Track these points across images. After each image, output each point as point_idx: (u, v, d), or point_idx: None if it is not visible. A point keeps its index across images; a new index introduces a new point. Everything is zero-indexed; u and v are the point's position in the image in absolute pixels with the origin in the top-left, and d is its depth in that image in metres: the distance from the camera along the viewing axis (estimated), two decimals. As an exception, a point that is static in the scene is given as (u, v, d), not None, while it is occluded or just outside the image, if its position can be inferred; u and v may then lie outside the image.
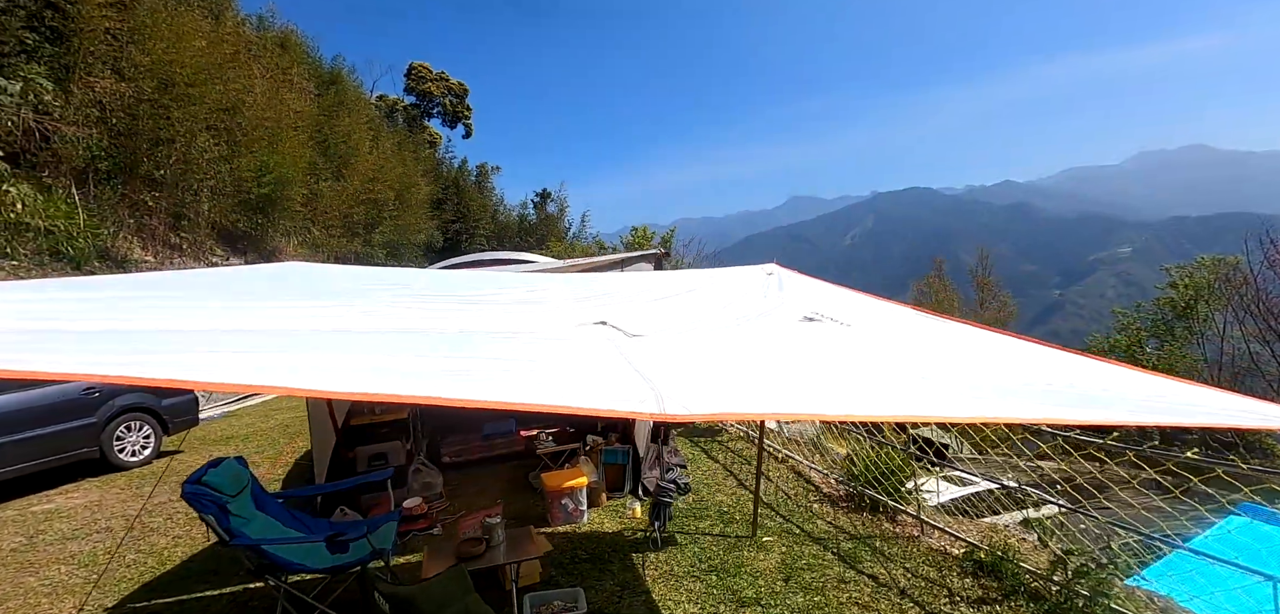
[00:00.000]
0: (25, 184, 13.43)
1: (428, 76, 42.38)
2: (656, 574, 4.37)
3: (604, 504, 5.64)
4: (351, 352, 1.81)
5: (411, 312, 2.34)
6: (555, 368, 1.72)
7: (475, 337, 1.95)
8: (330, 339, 1.91)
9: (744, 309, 3.39)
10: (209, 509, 3.34)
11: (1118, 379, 2.27)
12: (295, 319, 2.08)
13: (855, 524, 5.26)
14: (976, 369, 2.34)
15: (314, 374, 1.50)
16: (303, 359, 1.67)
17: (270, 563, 3.43)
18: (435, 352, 1.85)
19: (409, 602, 3.03)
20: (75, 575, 4.81)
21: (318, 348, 1.82)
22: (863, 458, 5.79)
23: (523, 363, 1.77)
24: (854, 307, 3.50)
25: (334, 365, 1.63)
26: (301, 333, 1.97)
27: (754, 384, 1.81)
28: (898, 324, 3.19)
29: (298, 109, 23.67)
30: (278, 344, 1.89)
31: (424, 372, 1.64)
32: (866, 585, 4.21)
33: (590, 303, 3.17)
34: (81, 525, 5.95)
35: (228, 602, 4.22)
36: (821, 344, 2.56)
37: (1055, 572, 3.99)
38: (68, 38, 14.96)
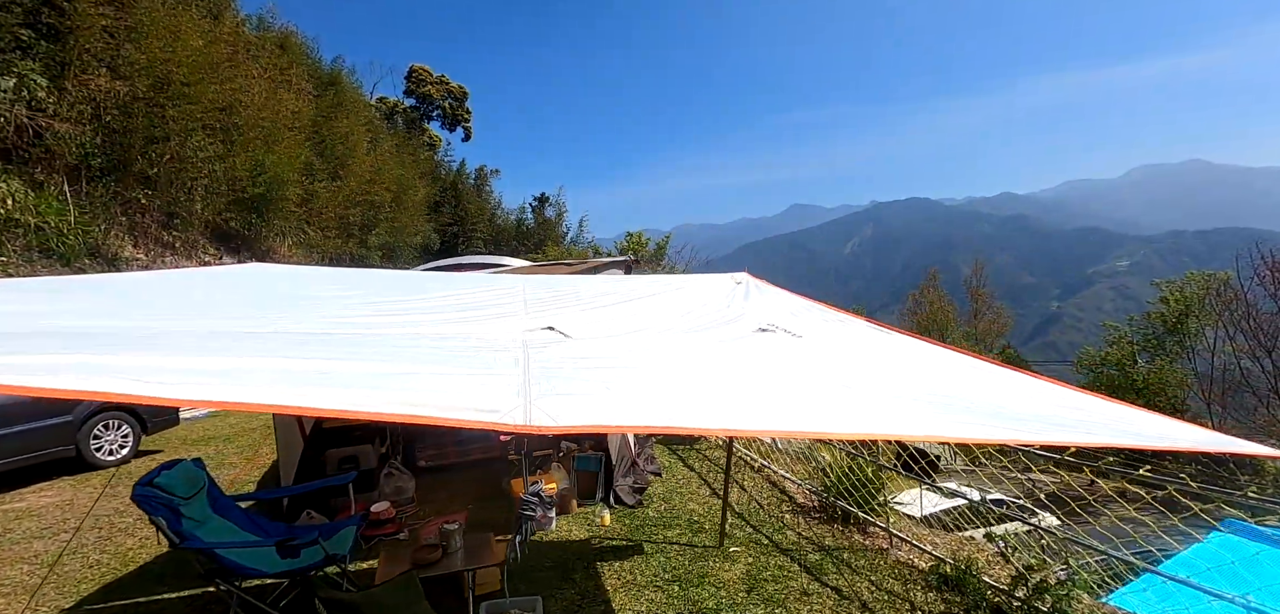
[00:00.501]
0: (15, 180, 13.43)
1: (428, 79, 42.46)
2: (618, 583, 4.34)
3: (574, 511, 5.61)
4: (228, 353, 1.76)
5: (337, 316, 2.31)
6: (435, 375, 1.70)
7: (376, 341, 1.92)
8: (223, 342, 1.87)
9: (702, 318, 3.37)
10: (159, 512, 3.31)
11: (1057, 400, 2.26)
12: (194, 323, 2.02)
13: (826, 536, 5.23)
14: (917, 384, 2.32)
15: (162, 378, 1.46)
16: (172, 362, 1.63)
17: (221, 566, 3.40)
18: (310, 356, 1.79)
19: (355, 608, 3.01)
20: (35, 575, 4.78)
21: (204, 352, 1.78)
22: (836, 469, 5.77)
23: (403, 369, 1.74)
24: (813, 319, 3.49)
25: (190, 367, 1.58)
26: (173, 335, 1.92)
27: (659, 395, 1.79)
28: (850, 338, 3.18)
29: (295, 109, 23.67)
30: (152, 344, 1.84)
31: (289, 373, 1.59)
32: (829, 598, 4.18)
33: (548, 309, 3.15)
34: (49, 525, 5.91)
35: (183, 604, 4.19)
36: (760, 355, 2.54)
37: (1017, 587, 3.97)
38: (64, 35, 14.98)
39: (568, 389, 1.70)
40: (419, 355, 1.80)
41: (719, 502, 5.88)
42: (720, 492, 6.12)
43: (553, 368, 1.85)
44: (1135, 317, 21.29)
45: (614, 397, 1.65)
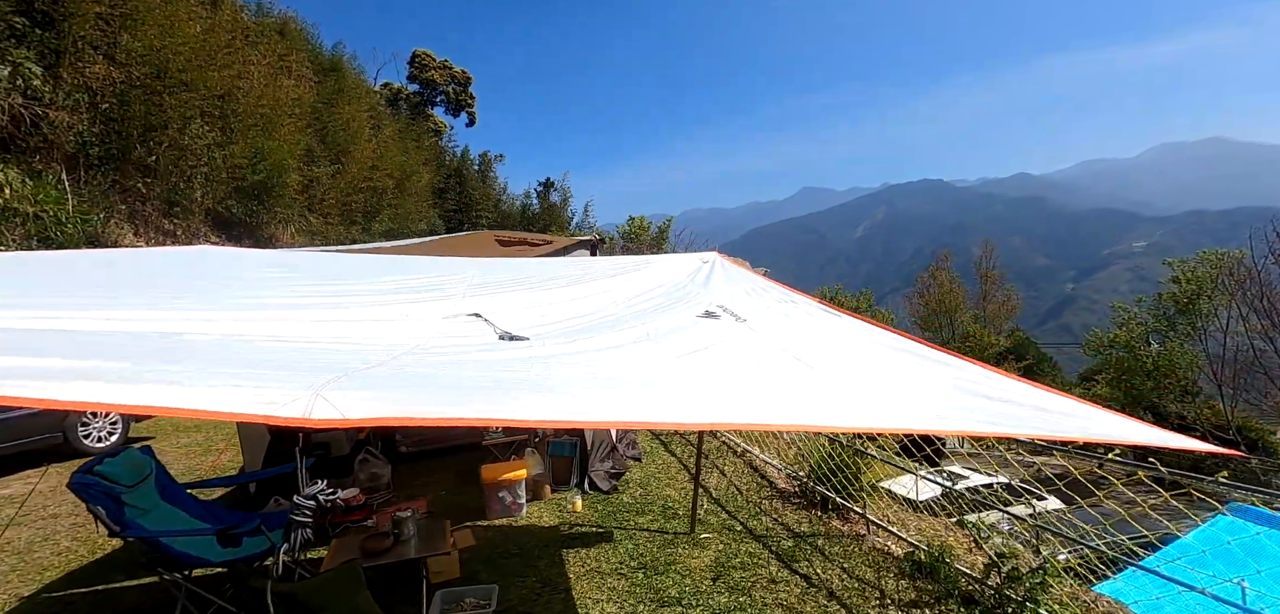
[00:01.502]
0: (13, 170, 13.47)
1: (431, 64, 42.27)
2: (582, 571, 4.25)
3: (548, 497, 5.53)
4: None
5: (232, 302, 2.19)
6: (237, 364, 1.58)
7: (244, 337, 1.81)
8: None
9: (650, 301, 3.24)
10: (99, 500, 3.25)
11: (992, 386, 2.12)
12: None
13: (804, 522, 5.11)
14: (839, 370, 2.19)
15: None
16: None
17: (164, 556, 3.33)
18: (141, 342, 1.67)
19: (292, 598, 2.93)
20: (4, 562, 4.77)
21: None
22: (817, 454, 5.64)
23: (211, 359, 1.62)
24: (767, 302, 3.35)
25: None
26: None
27: (503, 384, 1.66)
28: (796, 322, 3.03)
29: (295, 96, 23.61)
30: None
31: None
32: (797, 586, 4.07)
33: (487, 293, 3.03)
34: (31, 514, 5.90)
35: (139, 591, 4.15)
36: (677, 341, 2.40)
37: (990, 575, 3.83)
38: (58, 22, 14.96)
39: (383, 380, 1.57)
40: (230, 352, 1.67)
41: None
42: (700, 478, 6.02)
43: (388, 361, 1.72)
44: (1145, 297, 20.87)
45: (425, 390, 1.52)
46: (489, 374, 1.80)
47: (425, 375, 1.68)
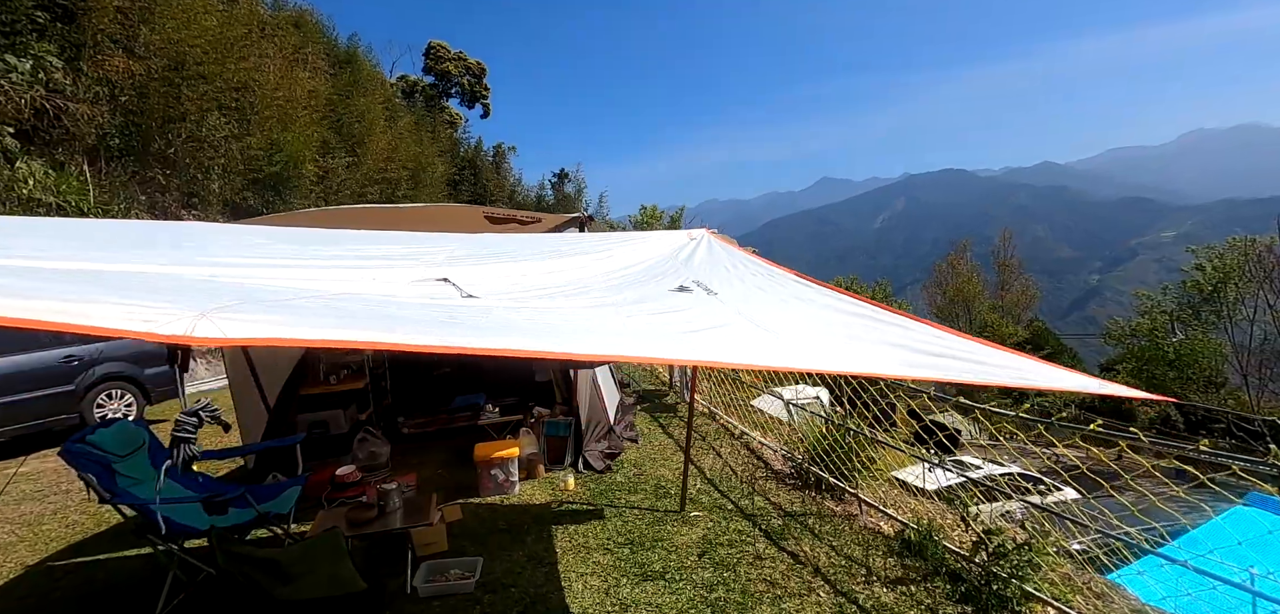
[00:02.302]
0: (37, 162, 13.80)
1: (446, 56, 42.50)
2: (569, 546, 4.27)
3: (542, 476, 5.55)
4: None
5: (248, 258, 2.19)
6: (140, 290, 1.57)
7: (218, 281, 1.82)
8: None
9: (626, 276, 3.23)
10: (89, 468, 3.33)
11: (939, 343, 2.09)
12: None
13: (795, 502, 5.08)
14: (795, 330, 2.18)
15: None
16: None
17: (153, 524, 3.41)
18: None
19: (272, 563, 2.98)
20: (14, 534, 4.92)
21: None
22: (813, 435, 5.59)
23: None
24: (743, 274, 3.33)
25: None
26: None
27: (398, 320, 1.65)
28: (774, 295, 2.99)
29: (311, 88, 23.90)
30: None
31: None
32: (783, 562, 4.05)
33: (462, 264, 3.04)
34: (43, 488, 6.08)
35: (139, 560, 4.26)
36: (637, 307, 2.38)
37: (977, 553, 3.77)
38: (77, 16, 15.28)
39: (290, 307, 1.57)
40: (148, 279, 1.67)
41: (691, 467, 5.77)
42: (693, 457, 6.01)
43: (312, 297, 1.72)
44: (1170, 285, 20.36)
45: (331, 318, 1.51)
46: (416, 312, 1.80)
47: (344, 309, 1.67)
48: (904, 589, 3.72)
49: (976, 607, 3.49)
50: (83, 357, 7.85)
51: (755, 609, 3.49)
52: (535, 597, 3.65)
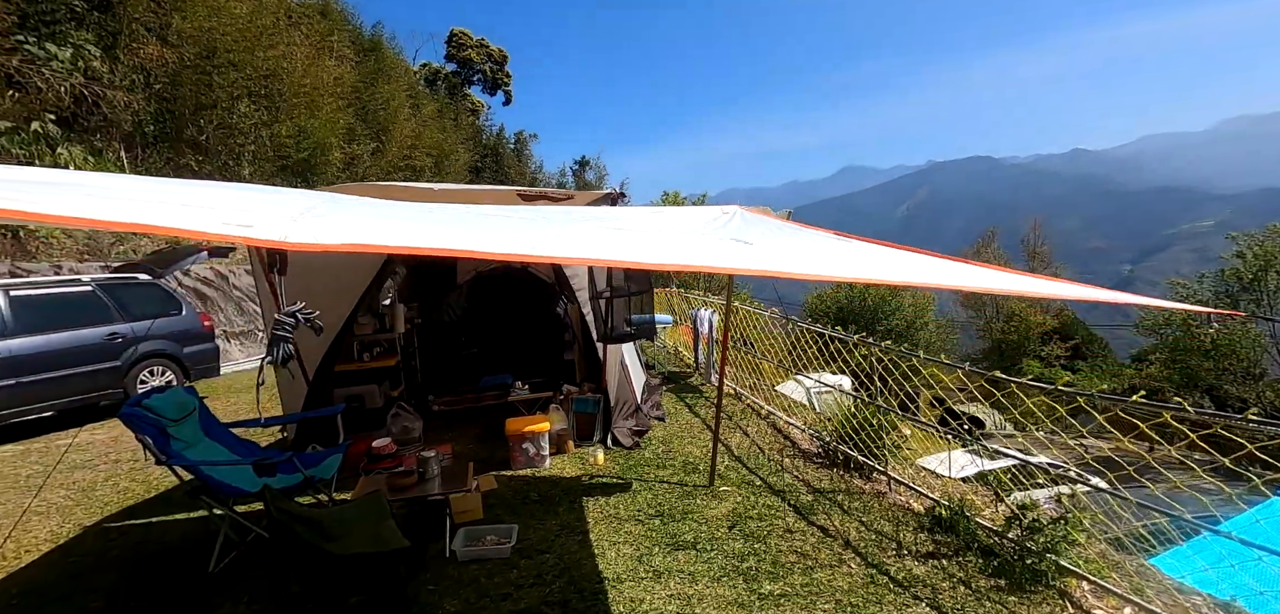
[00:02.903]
0: (77, 147, 14.23)
1: (468, 43, 42.68)
2: (601, 516, 4.34)
3: (571, 452, 5.64)
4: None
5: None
6: (231, 208, 1.64)
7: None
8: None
9: (676, 230, 3.28)
10: (146, 430, 3.48)
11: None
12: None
13: (824, 480, 5.10)
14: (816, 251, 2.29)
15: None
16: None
17: (206, 485, 3.56)
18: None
19: (317, 522, 3.09)
20: (70, 499, 5.14)
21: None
22: (841, 413, 5.59)
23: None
24: (777, 231, 3.36)
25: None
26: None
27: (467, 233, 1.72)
28: (801, 242, 3.02)
29: (337, 76, 24.22)
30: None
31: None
32: (813, 536, 4.08)
33: (525, 222, 3.12)
34: (94, 458, 6.33)
35: (191, 523, 4.43)
36: (668, 241, 2.45)
37: (1011, 528, 3.77)
38: (113, 5, 15.67)
39: (360, 216, 1.64)
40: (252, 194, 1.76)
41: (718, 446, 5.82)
42: (723, 437, 6.05)
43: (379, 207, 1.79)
44: (1206, 273, 19.80)
45: (403, 224, 1.58)
46: (498, 226, 1.89)
47: (429, 220, 1.74)
48: (936, 563, 3.72)
49: (1011, 580, 3.49)
50: (126, 334, 8.11)
51: (787, 578, 3.53)
52: (569, 563, 3.73)
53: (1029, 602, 3.31)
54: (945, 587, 3.46)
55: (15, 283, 7.53)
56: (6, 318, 7.10)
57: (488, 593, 3.41)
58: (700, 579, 3.53)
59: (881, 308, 24.95)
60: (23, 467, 6.16)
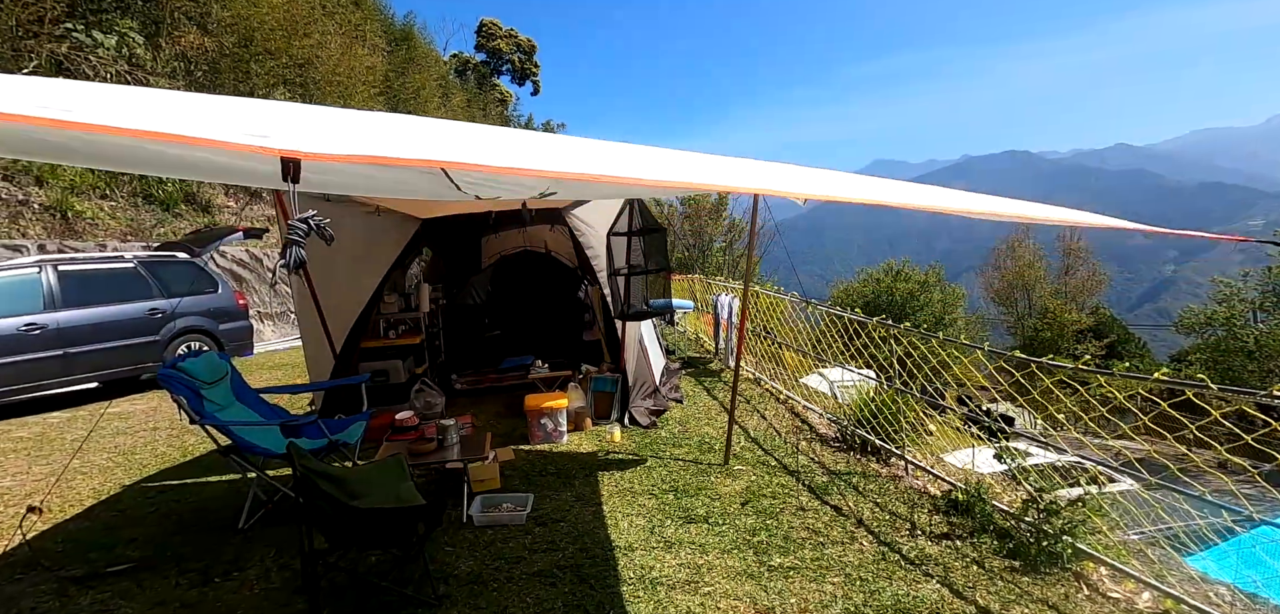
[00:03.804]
0: (122, 132, 14.79)
1: (498, 33, 43.01)
2: (614, 490, 4.41)
3: (588, 429, 5.71)
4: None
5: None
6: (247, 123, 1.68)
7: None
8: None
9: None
10: (181, 391, 3.64)
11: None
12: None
13: (840, 462, 5.09)
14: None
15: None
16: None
17: (237, 445, 3.71)
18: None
19: (340, 479, 3.20)
20: (112, 461, 5.39)
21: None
22: (860, 397, 5.56)
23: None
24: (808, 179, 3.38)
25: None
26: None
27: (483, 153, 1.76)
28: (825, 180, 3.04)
29: (369, 64, 24.66)
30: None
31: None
32: (826, 514, 4.08)
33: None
34: (135, 425, 6.62)
35: (223, 485, 4.62)
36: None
37: (1027, 511, 3.72)
38: (157, -6, 16.19)
39: (375, 133, 1.70)
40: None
41: (734, 427, 5.83)
42: (738, 418, 6.06)
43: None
44: (1251, 270, 19.04)
45: (416, 143, 1.62)
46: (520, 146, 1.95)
47: (444, 139, 1.78)
48: (949, 543, 3.70)
49: (1025, 561, 3.45)
50: (165, 310, 8.42)
51: (797, 552, 3.55)
52: (583, 531, 3.80)
53: (1043, 582, 3.28)
54: (957, 566, 3.44)
55: (63, 258, 7.88)
56: (56, 292, 7.43)
57: (502, 556, 3.49)
58: (710, 550, 3.57)
59: (909, 304, 24.59)
60: (69, 432, 6.46)
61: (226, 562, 3.48)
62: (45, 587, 3.27)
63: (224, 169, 2.30)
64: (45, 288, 7.35)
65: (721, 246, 27.09)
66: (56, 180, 12.15)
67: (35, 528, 3.90)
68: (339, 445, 3.92)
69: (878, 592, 3.15)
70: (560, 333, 8.33)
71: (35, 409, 7.32)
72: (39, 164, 11.97)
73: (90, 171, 13.21)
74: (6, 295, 7.06)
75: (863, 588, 3.19)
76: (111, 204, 13.58)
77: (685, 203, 27.30)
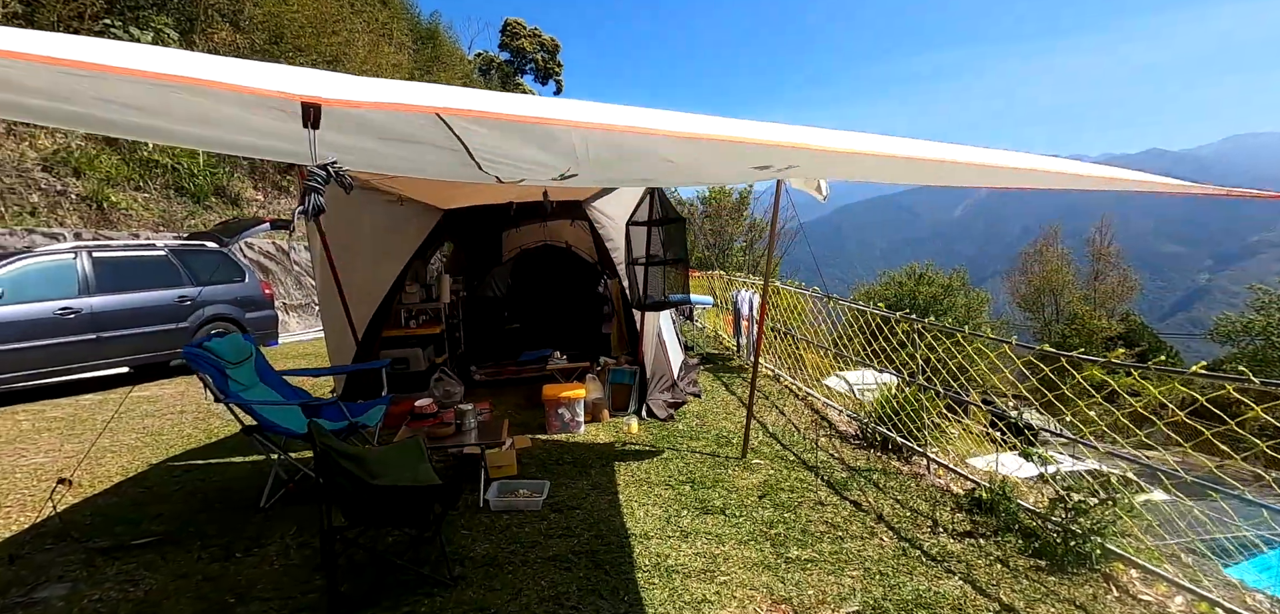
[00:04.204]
0: (155, 126, 15.17)
1: (521, 32, 43.29)
2: (630, 480, 4.39)
3: (606, 421, 5.70)
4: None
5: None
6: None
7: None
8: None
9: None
10: (206, 369, 3.70)
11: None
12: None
13: (860, 460, 5.01)
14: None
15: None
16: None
17: (260, 424, 3.77)
18: None
19: (358, 458, 3.23)
20: (140, 441, 5.51)
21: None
22: (882, 394, 5.48)
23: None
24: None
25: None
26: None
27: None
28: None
29: (396, 63, 24.97)
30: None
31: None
32: (846, 509, 4.02)
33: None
34: (163, 408, 6.77)
35: (247, 466, 4.70)
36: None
37: (1055, 510, 3.62)
38: (191, -10, 16.58)
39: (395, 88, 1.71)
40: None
41: (753, 422, 5.78)
42: (757, 413, 6.00)
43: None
44: (1291, 279, 18.40)
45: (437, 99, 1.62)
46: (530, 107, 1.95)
47: (461, 96, 1.79)
48: (972, 541, 3.62)
49: (1052, 561, 3.36)
50: (194, 298, 8.60)
51: (815, 545, 3.50)
52: (598, 518, 3.78)
53: (1070, 582, 3.19)
54: (980, 563, 3.36)
55: (97, 245, 8.08)
56: (90, 278, 7.63)
57: (517, 540, 3.50)
58: (727, 541, 3.53)
59: (932, 307, 24.22)
60: (99, 413, 6.63)
61: (248, 538, 3.53)
62: (73, 556, 3.34)
63: (242, 127, 2.29)
64: (80, 274, 7.55)
65: (742, 246, 26.94)
66: (93, 171, 12.49)
67: (65, 500, 4.00)
68: (359, 428, 3.96)
69: (898, 586, 3.09)
70: (579, 326, 8.34)
71: (67, 391, 7.52)
72: (77, 155, 12.32)
73: (124, 164, 13.57)
74: (43, 280, 7.27)
75: (882, 582, 3.13)
76: (145, 195, 13.93)
77: (706, 201, 27.21)
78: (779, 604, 2.93)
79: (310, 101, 1.43)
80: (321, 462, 2.82)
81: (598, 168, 3.28)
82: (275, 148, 2.91)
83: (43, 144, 12.19)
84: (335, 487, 2.81)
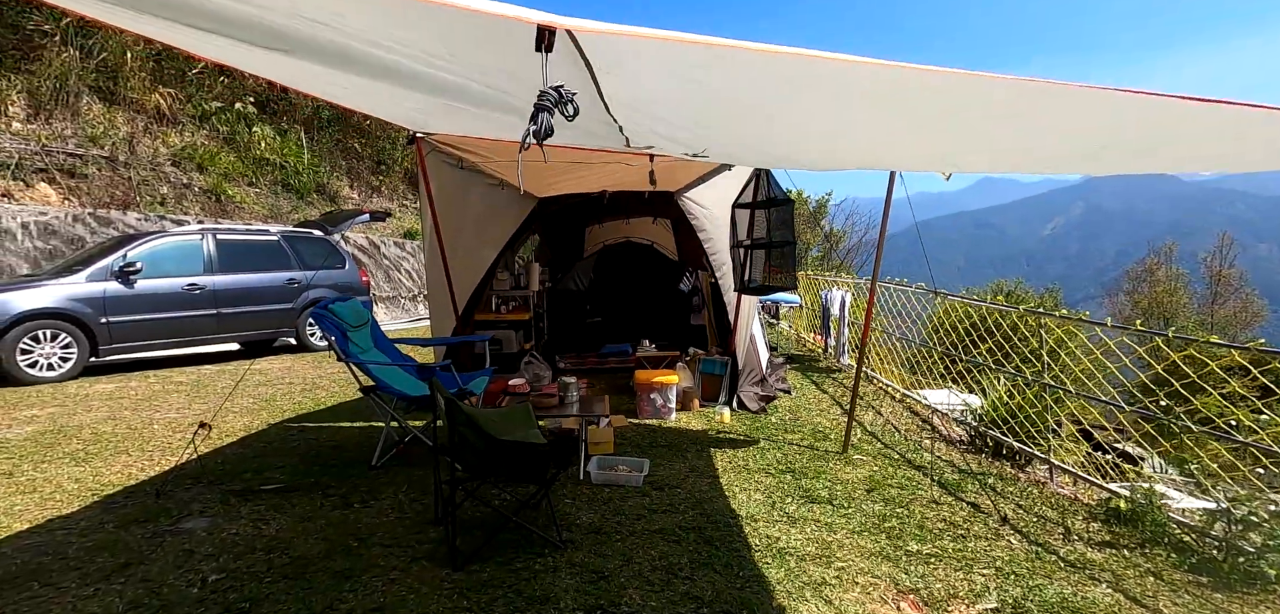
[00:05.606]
0: (268, 128, 16.33)
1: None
2: (728, 466, 4.28)
3: (696, 410, 5.61)
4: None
5: None
6: None
7: None
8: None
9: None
10: (330, 330, 3.88)
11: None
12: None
13: (971, 464, 4.70)
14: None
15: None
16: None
17: (377, 384, 3.91)
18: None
19: (473, 417, 3.28)
20: (257, 404, 5.87)
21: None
22: (994, 399, 5.14)
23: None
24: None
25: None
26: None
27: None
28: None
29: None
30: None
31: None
32: (963, 509, 3.76)
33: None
34: (273, 379, 7.20)
35: (356, 432, 4.91)
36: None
37: (1215, 523, 3.25)
38: (302, 5, 17.84)
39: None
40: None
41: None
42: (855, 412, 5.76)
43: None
44: None
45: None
46: None
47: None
48: (1114, 552, 3.29)
49: (1217, 579, 3.00)
50: (302, 281, 9.15)
51: (936, 542, 3.28)
52: (701, 499, 3.70)
53: (1240, 601, 2.83)
54: (1129, 574, 3.05)
55: (220, 228, 8.74)
56: (213, 258, 8.25)
57: (621, 513, 3.46)
58: (838, 530, 3.36)
59: (1019, 329, 22.76)
60: (219, 381, 7.12)
61: (363, 491, 3.66)
62: (210, 495, 3.56)
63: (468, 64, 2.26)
64: (205, 253, 8.17)
65: (818, 255, 26.29)
66: (214, 167, 13.57)
67: (202, 447, 4.29)
68: (467, 394, 4.05)
69: (1038, 588, 2.84)
70: (660, 321, 8.30)
71: (188, 363, 8.13)
72: (201, 152, 13.42)
73: (240, 161, 14.67)
74: (176, 257, 7.91)
75: (1019, 583, 2.89)
76: (256, 191, 15.02)
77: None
78: (906, 594, 2.75)
79: (547, 24, 1.49)
80: (448, 413, 2.87)
81: (729, 143, 3.21)
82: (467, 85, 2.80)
83: (173, 141, 13.36)
84: (460, 439, 2.86)
